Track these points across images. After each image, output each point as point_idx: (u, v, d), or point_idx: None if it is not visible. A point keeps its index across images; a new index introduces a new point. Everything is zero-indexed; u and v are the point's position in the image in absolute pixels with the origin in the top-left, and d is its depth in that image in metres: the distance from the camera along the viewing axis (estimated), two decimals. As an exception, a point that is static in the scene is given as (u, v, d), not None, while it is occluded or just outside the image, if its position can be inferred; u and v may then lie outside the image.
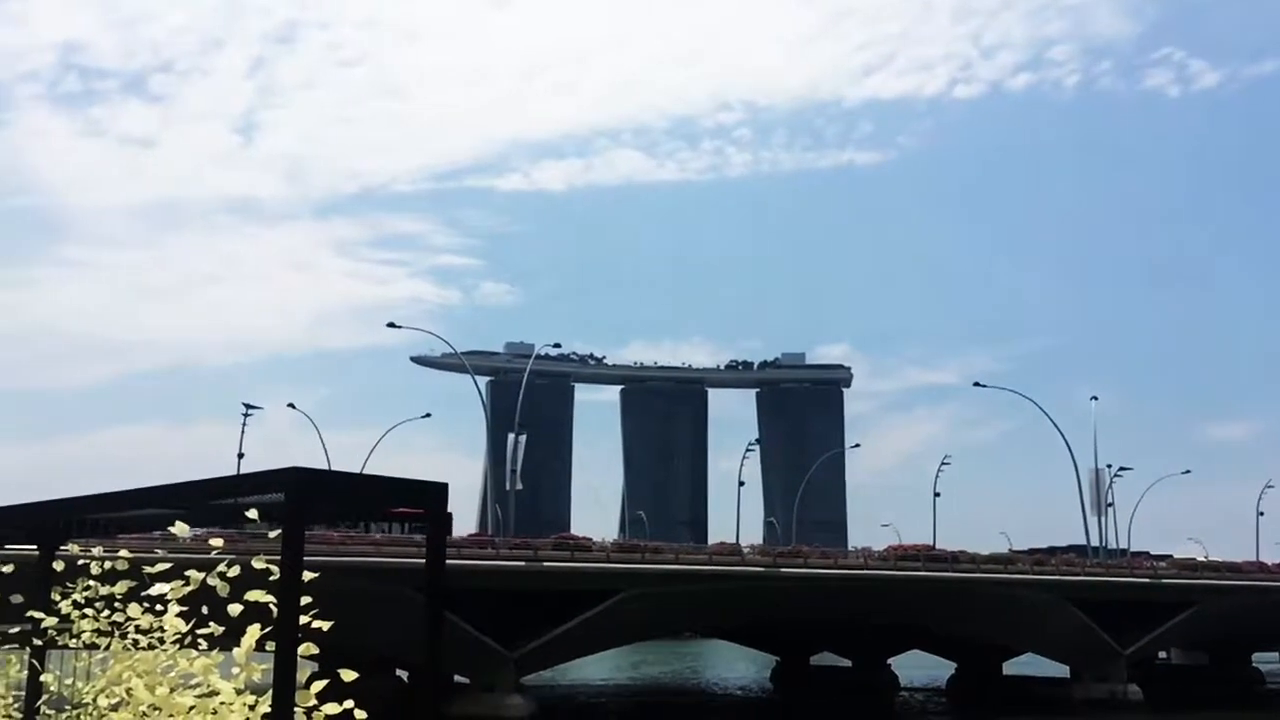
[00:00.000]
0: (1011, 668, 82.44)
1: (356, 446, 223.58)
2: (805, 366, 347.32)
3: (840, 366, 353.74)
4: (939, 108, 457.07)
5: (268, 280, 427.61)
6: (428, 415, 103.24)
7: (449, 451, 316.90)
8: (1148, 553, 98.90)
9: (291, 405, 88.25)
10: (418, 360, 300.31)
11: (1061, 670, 77.63)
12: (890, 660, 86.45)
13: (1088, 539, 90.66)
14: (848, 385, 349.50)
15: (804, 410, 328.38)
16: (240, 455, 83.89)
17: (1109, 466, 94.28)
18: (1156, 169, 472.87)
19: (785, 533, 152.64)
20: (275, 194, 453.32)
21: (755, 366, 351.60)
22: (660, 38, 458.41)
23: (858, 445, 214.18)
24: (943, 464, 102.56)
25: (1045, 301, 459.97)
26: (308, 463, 5.28)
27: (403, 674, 61.65)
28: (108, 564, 6.75)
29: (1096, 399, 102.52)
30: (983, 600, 70.71)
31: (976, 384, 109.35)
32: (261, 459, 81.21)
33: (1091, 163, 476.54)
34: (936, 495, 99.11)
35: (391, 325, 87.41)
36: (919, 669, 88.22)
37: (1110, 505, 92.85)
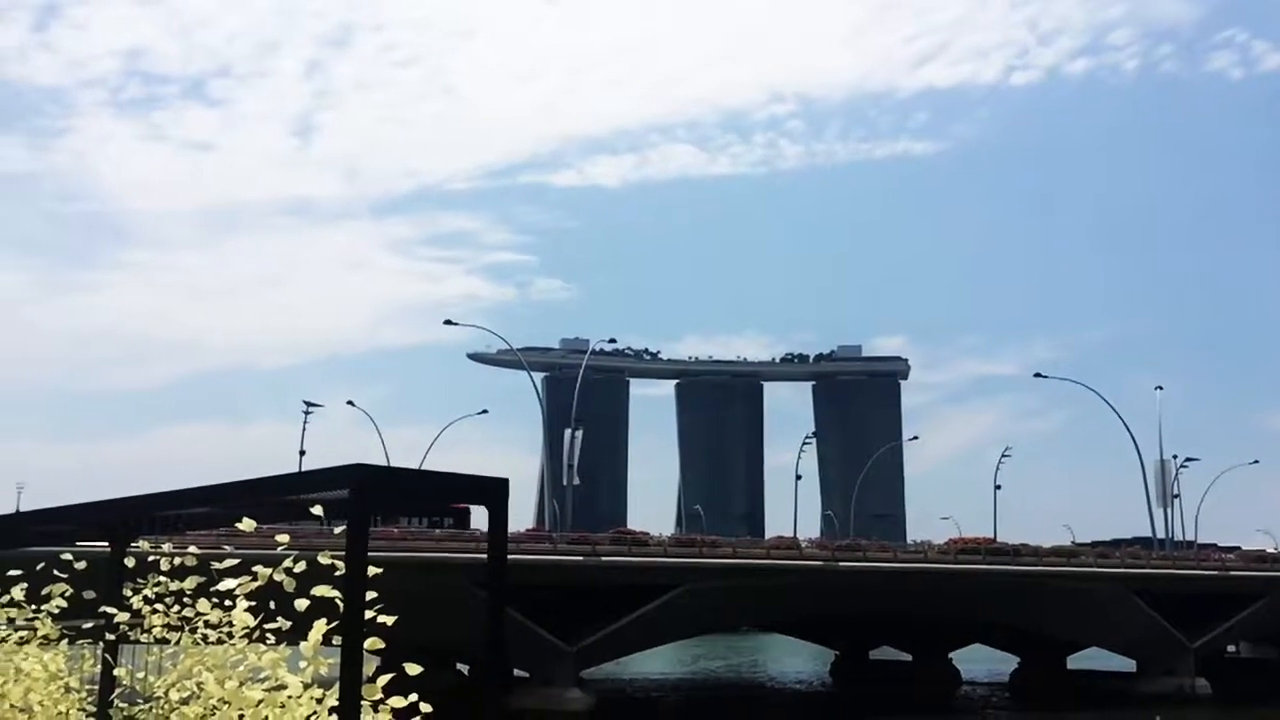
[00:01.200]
0: (1076, 662, 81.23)
1: (414, 443, 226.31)
2: (861, 359, 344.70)
3: (897, 358, 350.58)
4: (995, 95, 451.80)
5: (325, 280, 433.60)
6: (484, 411, 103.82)
7: (505, 447, 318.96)
8: (1215, 545, 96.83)
9: (350, 403, 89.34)
10: (474, 357, 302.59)
11: (1128, 665, 76.35)
12: (951, 654, 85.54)
13: (1153, 531, 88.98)
14: (905, 377, 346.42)
15: (861, 403, 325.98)
16: (302, 452, 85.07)
17: (1174, 457, 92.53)
18: (1219, 154, 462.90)
19: (843, 526, 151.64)
20: (332, 194, 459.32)
21: (811, 359, 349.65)
22: (710, 32, 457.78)
23: (916, 438, 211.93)
24: (1003, 455, 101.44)
25: (1105, 290, 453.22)
26: (367, 459, 5.33)
27: (462, 668, 62.24)
28: (177, 560, 6.88)
29: (1161, 389, 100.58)
30: (1046, 594, 69.73)
31: (1037, 375, 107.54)
32: (322, 456, 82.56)
33: (1151, 148, 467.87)
34: (997, 488, 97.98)
35: (448, 323, 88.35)
36: (981, 663, 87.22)
37: (1176, 496, 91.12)
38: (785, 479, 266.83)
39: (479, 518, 63.79)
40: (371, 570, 5.11)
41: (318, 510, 5.60)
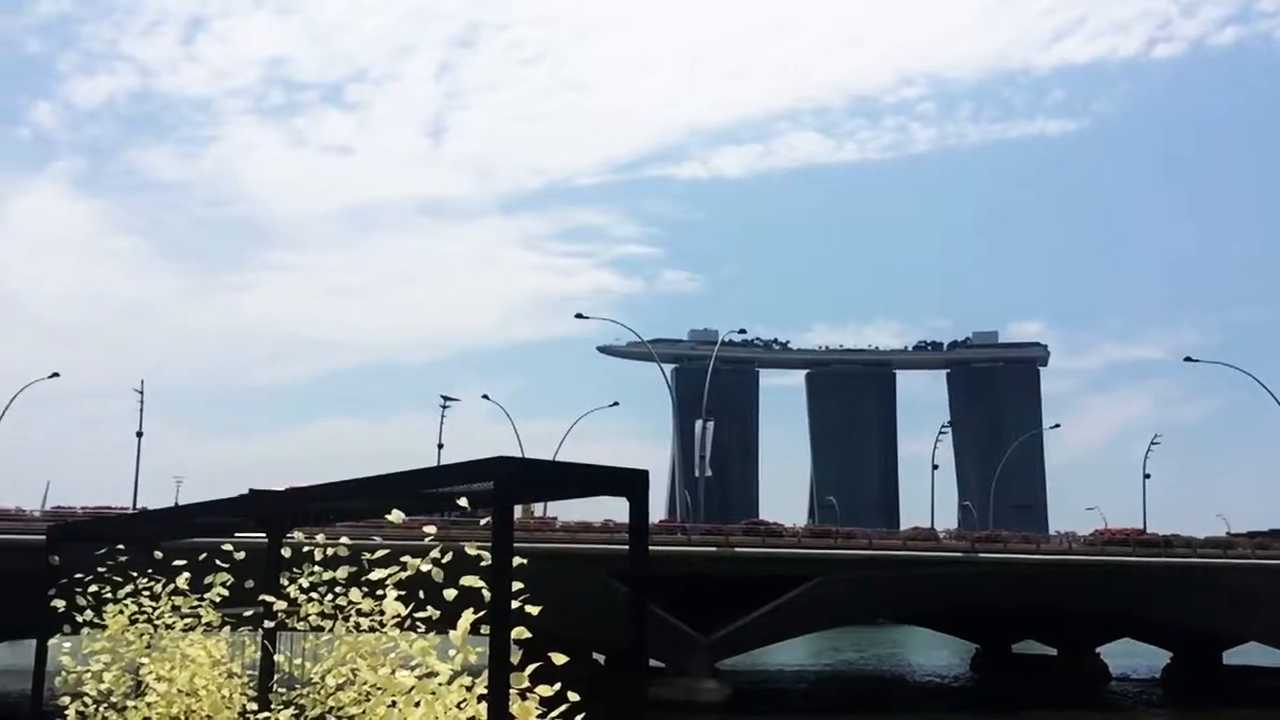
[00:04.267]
0: (1233, 657, 77.63)
1: (546, 435, 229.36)
2: (998, 345, 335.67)
3: (1036, 344, 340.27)
4: (1136, 70, 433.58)
5: (459, 276, 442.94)
6: (615, 404, 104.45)
7: (636, 438, 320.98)
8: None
9: (486, 397, 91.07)
10: (604, 350, 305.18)
11: (1290, 660, 72.64)
12: (1099, 649, 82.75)
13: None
14: (1044, 363, 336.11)
15: (998, 390, 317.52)
16: (440, 446, 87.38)
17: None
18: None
19: (982, 517, 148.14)
20: (464, 193, 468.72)
21: (945, 347, 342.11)
22: (835, 16, 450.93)
23: (1057, 425, 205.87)
24: (1152, 443, 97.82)
25: (1255, 270, 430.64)
26: (501, 452, 5.42)
27: (598, 658, 62.89)
28: (330, 550, 7.11)
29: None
30: (1200, 587, 66.93)
31: (1188, 359, 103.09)
32: (458, 449, 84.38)
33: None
34: (1146, 477, 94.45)
35: (579, 316, 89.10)
36: (1130, 658, 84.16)
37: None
38: (919, 469, 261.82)
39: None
40: (516, 561, 5.19)
41: (463, 502, 5.72)
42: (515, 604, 5.27)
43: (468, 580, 5.38)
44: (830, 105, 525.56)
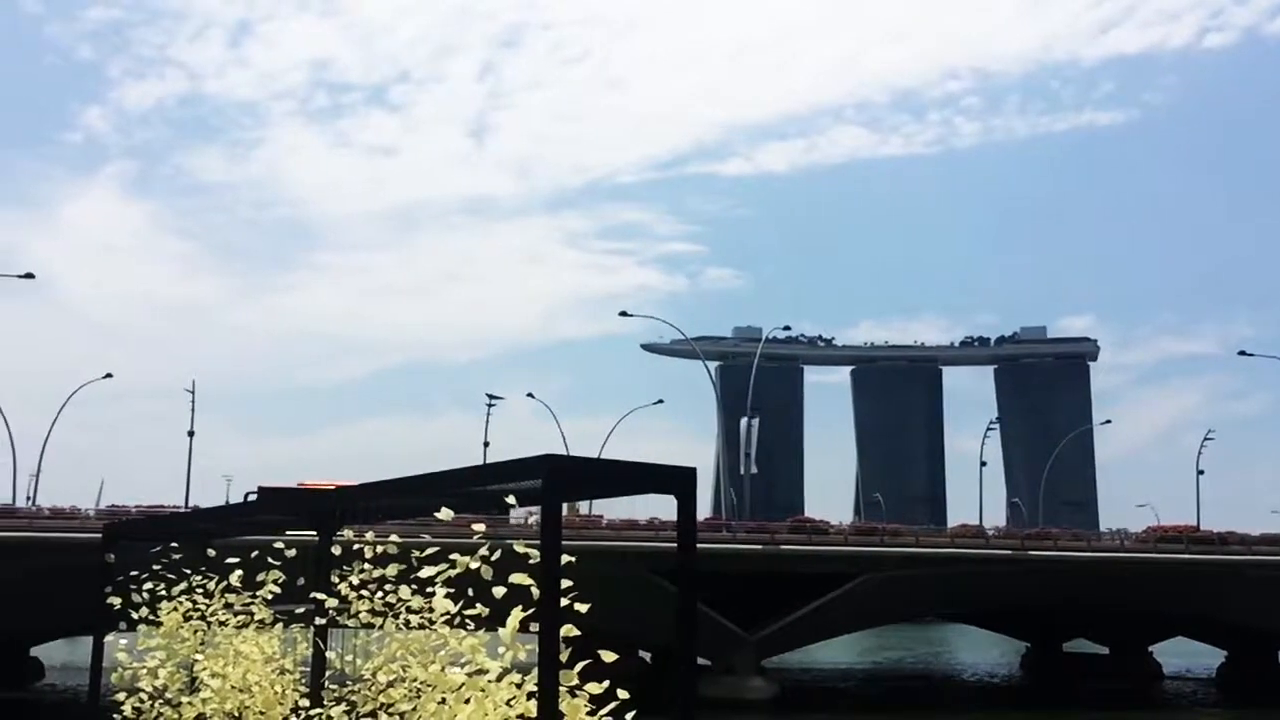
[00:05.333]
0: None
1: (591, 433, 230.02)
2: (1047, 340, 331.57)
3: (1085, 339, 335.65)
4: (1187, 60, 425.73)
5: (503, 275, 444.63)
6: (660, 401, 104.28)
7: (680, 436, 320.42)
8: None
9: (530, 395, 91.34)
10: (648, 347, 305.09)
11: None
12: (1152, 648, 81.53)
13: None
14: (1094, 358, 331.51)
15: (1047, 386, 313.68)
16: (486, 444, 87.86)
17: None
18: None
19: (1031, 514, 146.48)
20: (507, 191, 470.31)
21: (992, 342, 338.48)
22: (876, 11, 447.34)
23: (1108, 421, 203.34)
24: (1206, 439, 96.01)
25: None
26: (547, 450, 5.42)
27: (643, 655, 62.91)
28: (379, 548, 7.17)
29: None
30: (1256, 584, 65.74)
31: (1242, 353, 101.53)
32: (504, 448, 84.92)
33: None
34: (1200, 473, 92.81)
35: (623, 314, 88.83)
36: (1185, 657, 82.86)
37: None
38: (966, 466, 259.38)
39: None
40: (564, 558, 5.20)
41: (511, 500, 5.74)
42: (564, 601, 5.28)
43: (516, 578, 5.40)
44: (874, 100, 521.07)
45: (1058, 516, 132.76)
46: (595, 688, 5.39)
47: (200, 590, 8.91)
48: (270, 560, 8.31)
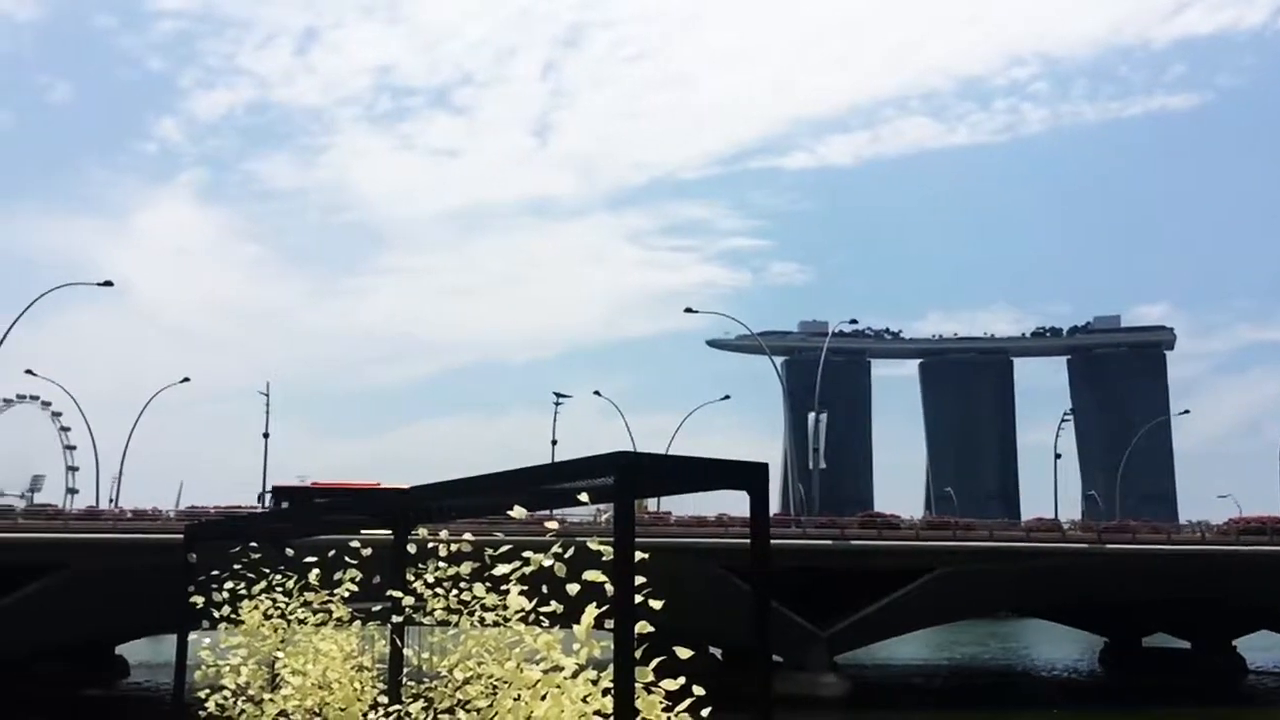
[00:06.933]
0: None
1: (658, 429, 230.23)
2: (1121, 330, 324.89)
3: (1161, 328, 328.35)
4: (1263, 40, 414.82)
5: (568, 274, 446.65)
6: (726, 397, 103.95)
7: (747, 431, 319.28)
8: None
9: (597, 393, 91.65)
10: (713, 344, 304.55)
11: None
12: (1235, 642, 79.49)
13: None
14: (1170, 347, 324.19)
15: (1122, 376, 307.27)
16: (554, 442, 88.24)
17: None
18: None
19: (1108, 506, 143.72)
20: (570, 191, 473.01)
21: (1065, 332, 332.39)
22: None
23: (1186, 411, 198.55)
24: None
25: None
26: (614, 447, 5.44)
27: (715, 652, 62.76)
28: (454, 546, 7.23)
29: None
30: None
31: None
32: (571, 446, 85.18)
33: None
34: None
35: (689, 310, 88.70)
36: (1269, 651, 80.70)
37: None
38: (1039, 458, 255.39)
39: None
40: (638, 555, 5.21)
41: (584, 497, 5.76)
42: (638, 598, 5.29)
43: (590, 575, 5.42)
44: (939, 89, 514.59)
45: (1136, 509, 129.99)
46: (671, 684, 5.39)
47: (279, 589, 9.08)
48: (347, 559, 8.44)
